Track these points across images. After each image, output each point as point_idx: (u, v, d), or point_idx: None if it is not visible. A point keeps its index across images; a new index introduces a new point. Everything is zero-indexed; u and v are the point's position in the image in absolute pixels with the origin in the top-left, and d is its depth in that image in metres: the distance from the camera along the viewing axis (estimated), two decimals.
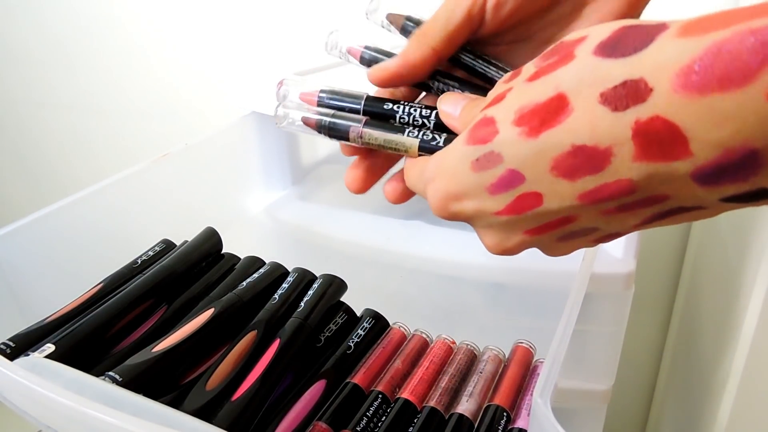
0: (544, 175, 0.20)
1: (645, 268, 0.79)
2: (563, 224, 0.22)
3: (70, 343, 0.33)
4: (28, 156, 1.22)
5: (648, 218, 0.21)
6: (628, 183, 0.19)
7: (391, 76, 0.28)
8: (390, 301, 0.45)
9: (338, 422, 0.34)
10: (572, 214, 0.21)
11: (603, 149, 0.19)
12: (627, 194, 0.19)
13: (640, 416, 0.93)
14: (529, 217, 0.22)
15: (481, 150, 0.22)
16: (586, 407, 0.46)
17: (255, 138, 0.60)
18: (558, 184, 0.20)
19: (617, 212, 0.20)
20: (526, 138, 0.20)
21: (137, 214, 0.48)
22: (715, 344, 0.55)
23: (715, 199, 0.18)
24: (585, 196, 0.20)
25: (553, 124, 0.20)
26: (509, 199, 0.22)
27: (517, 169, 0.21)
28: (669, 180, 0.18)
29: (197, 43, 0.93)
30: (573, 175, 0.20)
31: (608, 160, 0.19)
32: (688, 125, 0.17)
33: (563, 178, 0.20)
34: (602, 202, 0.20)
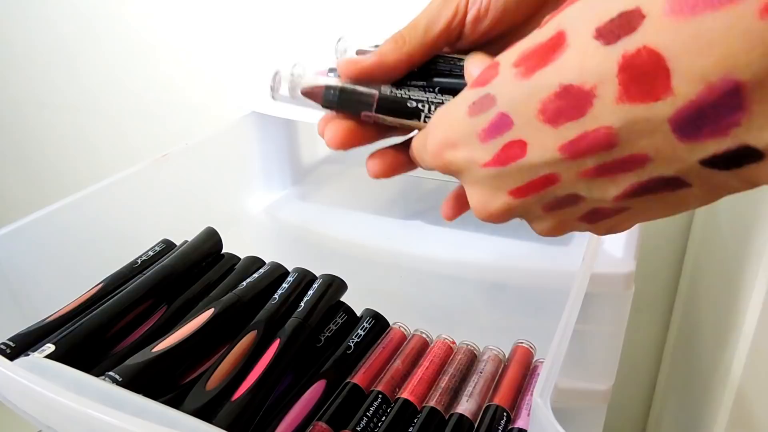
0: (531, 120, 0.20)
1: (645, 268, 0.78)
2: (546, 185, 0.21)
3: (70, 343, 0.33)
4: (28, 156, 1.22)
5: (629, 188, 0.20)
6: (607, 131, 0.18)
7: (363, 72, 0.28)
8: (390, 301, 0.45)
9: (338, 422, 0.34)
10: (553, 171, 0.21)
11: (587, 89, 0.18)
12: (606, 147, 0.19)
13: (640, 416, 0.93)
14: (513, 170, 0.21)
15: (479, 93, 0.22)
16: (586, 407, 0.46)
17: (255, 138, 0.60)
18: (542, 131, 0.20)
19: (597, 175, 0.20)
20: (520, 79, 0.20)
21: (137, 214, 0.48)
22: (715, 344, 0.55)
23: (695, 160, 0.18)
24: (566, 148, 0.20)
25: (547, 63, 0.19)
26: (496, 147, 0.22)
27: (507, 113, 0.21)
28: (649, 130, 0.18)
29: (197, 43, 0.93)
30: (557, 120, 0.19)
31: (591, 102, 0.18)
32: (673, 53, 0.16)
33: (548, 123, 0.20)
34: (582, 156, 0.19)
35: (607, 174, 0.20)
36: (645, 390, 0.91)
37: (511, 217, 0.24)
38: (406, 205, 0.63)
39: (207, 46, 0.93)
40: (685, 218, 0.77)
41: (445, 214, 0.30)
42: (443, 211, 0.30)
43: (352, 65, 0.28)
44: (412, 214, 0.60)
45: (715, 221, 0.64)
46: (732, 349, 0.49)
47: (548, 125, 0.20)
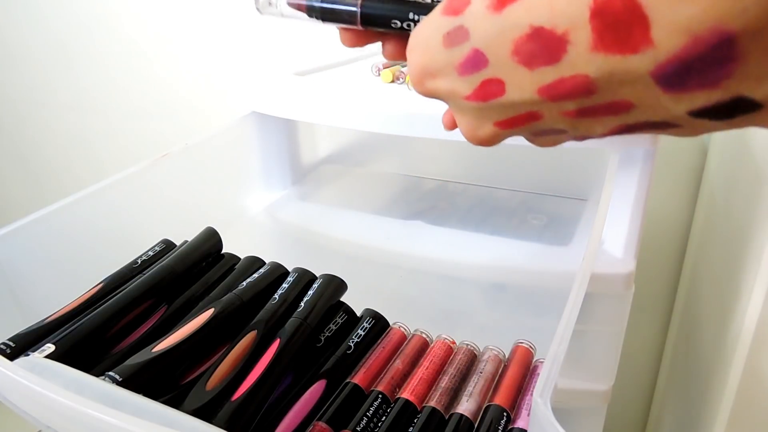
0: (506, 60, 0.19)
1: (645, 268, 0.79)
2: (530, 120, 0.20)
3: (70, 343, 0.33)
4: (28, 156, 1.22)
5: (615, 128, 0.19)
6: (584, 79, 0.17)
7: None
8: (390, 301, 0.45)
9: (338, 422, 0.34)
10: (535, 110, 0.20)
11: (559, 34, 0.17)
12: (585, 94, 0.18)
13: (640, 416, 0.93)
14: (494, 106, 0.21)
15: (452, 23, 0.21)
16: (586, 407, 0.47)
17: (255, 138, 0.60)
18: (518, 72, 0.19)
19: (579, 116, 0.19)
20: (492, 13, 0.19)
21: (137, 214, 0.48)
22: (715, 344, 0.55)
23: (683, 111, 0.16)
24: (544, 91, 0.18)
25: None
26: (475, 83, 0.21)
27: (481, 50, 0.20)
28: (629, 81, 0.16)
29: (197, 43, 0.93)
30: (531, 63, 0.18)
31: (564, 48, 0.17)
32: (651, 2, 0.14)
33: (523, 65, 0.18)
34: (561, 99, 0.18)
35: (590, 115, 0.19)
36: (645, 390, 0.91)
37: (500, 141, 0.23)
38: (406, 205, 0.63)
39: (207, 46, 0.93)
40: (685, 218, 0.77)
41: (445, 123, 0.28)
42: (444, 120, 0.28)
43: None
44: (412, 214, 0.60)
45: (715, 221, 0.64)
46: (732, 349, 0.49)
47: (523, 66, 0.19)
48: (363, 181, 0.71)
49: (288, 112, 0.55)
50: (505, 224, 0.57)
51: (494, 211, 0.60)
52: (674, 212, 0.77)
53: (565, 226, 0.55)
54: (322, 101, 0.53)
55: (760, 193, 0.49)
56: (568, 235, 0.53)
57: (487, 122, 0.22)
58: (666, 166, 0.74)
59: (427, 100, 0.26)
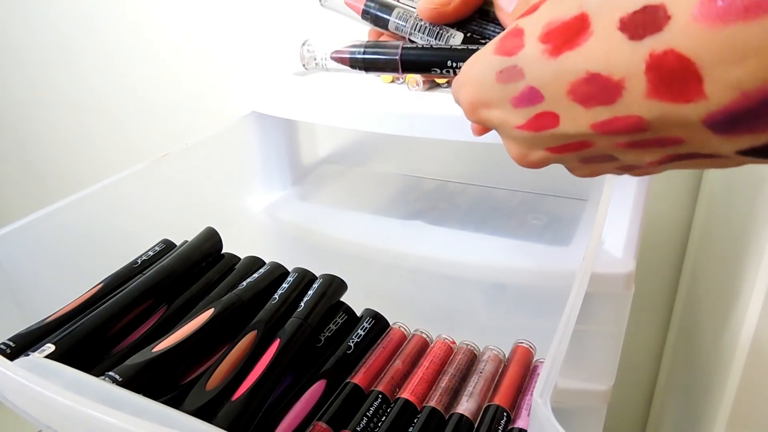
0: (562, 98, 0.20)
1: (645, 268, 0.79)
2: (581, 148, 0.22)
3: (70, 343, 0.33)
4: (28, 156, 1.22)
5: (665, 158, 0.20)
6: (638, 120, 0.18)
7: (453, 12, 0.28)
8: (390, 301, 0.45)
9: (338, 422, 0.34)
10: (587, 140, 0.21)
11: (615, 81, 0.18)
12: (638, 131, 0.19)
13: (640, 416, 0.93)
14: (547, 136, 0.22)
15: (505, 62, 0.22)
16: (586, 407, 0.46)
17: (255, 138, 0.60)
18: (573, 108, 0.20)
19: (631, 147, 0.20)
20: (548, 58, 0.20)
21: (137, 214, 0.48)
22: (715, 344, 0.55)
23: (731, 150, 0.18)
24: (598, 126, 0.20)
25: (573, 46, 0.19)
26: (529, 115, 0.22)
27: (536, 87, 0.21)
28: (681, 124, 0.18)
29: (198, 43, 0.93)
30: (587, 103, 0.19)
31: (620, 93, 0.18)
32: (705, 61, 0.16)
33: (578, 103, 0.20)
34: (614, 134, 0.20)
35: (641, 147, 0.20)
36: (645, 390, 0.91)
37: (548, 164, 0.25)
38: (406, 205, 0.63)
39: (207, 46, 0.93)
40: (685, 218, 0.77)
41: (474, 129, 0.29)
42: (473, 128, 0.30)
43: (439, 6, 0.28)
44: (412, 214, 0.60)
45: (715, 221, 0.64)
46: (732, 348, 0.49)
47: (578, 104, 0.20)
48: (363, 181, 0.71)
49: (288, 112, 0.55)
50: (505, 224, 0.56)
51: (494, 211, 0.60)
52: (674, 212, 0.77)
53: (565, 226, 0.55)
54: (322, 101, 0.53)
55: (760, 193, 0.49)
56: (568, 235, 0.53)
57: (539, 149, 0.23)
58: None
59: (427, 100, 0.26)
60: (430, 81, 0.53)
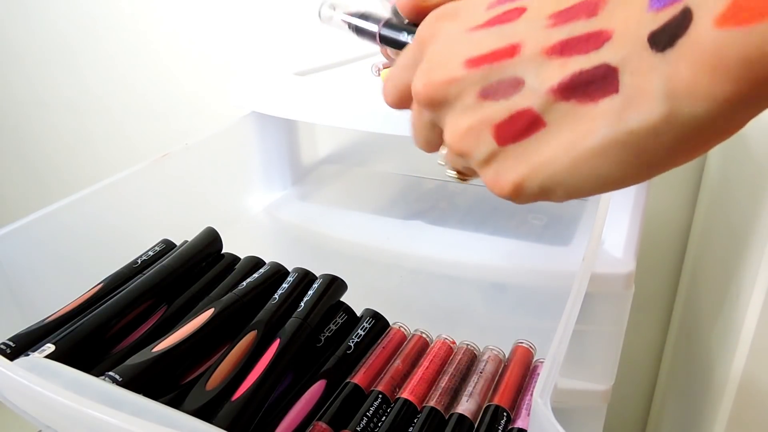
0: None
1: (645, 268, 0.79)
2: (504, 55, 0.20)
3: (70, 343, 0.33)
4: (28, 156, 1.22)
5: (567, 78, 0.19)
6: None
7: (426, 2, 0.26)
8: (390, 301, 0.45)
9: (338, 422, 0.34)
10: (524, 39, 0.20)
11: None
12: (588, 12, 0.18)
13: (640, 416, 0.93)
14: (491, 33, 0.21)
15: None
16: (586, 407, 0.46)
17: (255, 138, 0.60)
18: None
19: (557, 51, 0.19)
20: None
21: (137, 214, 0.48)
22: (715, 344, 0.55)
23: (645, 33, 0.16)
24: (558, 12, 0.19)
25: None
26: (497, 12, 0.21)
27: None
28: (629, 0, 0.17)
29: (198, 43, 0.93)
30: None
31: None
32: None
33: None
34: (566, 17, 0.19)
35: (564, 52, 0.19)
36: (645, 390, 0.91)
37: (440, 100, 0.22)
38: (406, 205, 0.63)
39: (208, 46, 0.93)
40: (685, 218, 0.77)
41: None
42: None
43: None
44: (412, 214, 0.60)
45: (715, 221, 0.64)
46: (732, 349, 0.49)
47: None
48: (363, 181, 0.71)
49: (288, 112, 0.55)
50: (505, 224, 0.56)
51: (494, 211, 0.60)
52: (674, 212, 0.77)
53: (565, 226, 0.55)
54: (322, 101, 0.53)
55: (760, 193, 0.49)
56: (568, 235, 0.53)
57: (459, 59, 0.21)
58: None
59: None
60: None
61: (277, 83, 0.57)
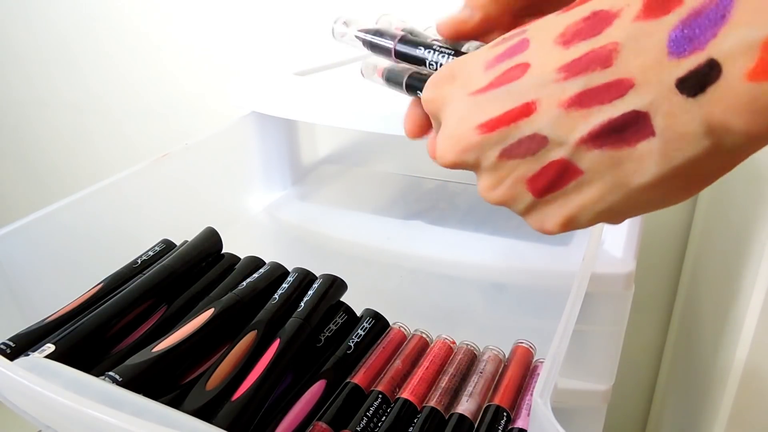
0: (547, 43, 0.20)
1: (645, 268, 0.78)
2: (520, 116, 0.21)
3: (70, 343, 0.33)
4: (28, 156, 1.22)
5: (595, 130, 0.19)
6: (612, 48, 0.19)
7: (461, 23, 0.27)
8: (390, 301, 0.45)
9: (338, 422, 0.34)
10: (538, 96, 0.20)
11: (615, 12, 0.19)
12: (603, 64, 0.19)
13: (640, 416, 0.93)
14: (498, 94, 0.21)
15: (514, 31, 0.22)
16: (586, 407, 0.46)
17: (255, 138, 0.60)
18: (552, 51, 0.20)
19: (575, 103, 0.19)
20: (559, 13, 0.21)
21: (137, 214, 0.48)
22: (715, 344, 0.55)
23: (672, 80, 0.18)
24: (564, 67, 0.20)
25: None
26: (497, 72, 0.21)
27: (528, 38, 0.21)
28: (648, 47, 0.18)
29: (198, 43, 0.93)
30: (571, 41, 0.20)
31: (611, 22, 0.19)
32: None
33: (561, 45, 0.20)
34: (577, 73, 0.19)
35: (586, 103, 0.19)
36: (645, 390, 0.91)
37: (461, 164, 0.23)
38: (406, 205, 0.63)
39: (207, 46, 0.93)
40: (685, 218, 0.77)
41: (408, 130, 0.29)
42: (406, 126, 0.29)
43: (450, 20, 0.27)
44: (412, 214, 0.60)
45: (715, 221, 0.64)
46: (732, 349, 0.49)
47: (561, 46, 0.20)
48: (363, 181, 0.71)
49: (288, 112, 0.55)
50: (505, 224, 0.56)
51: (494, 211, 0.60)
52: (674, 212, 0.77)
53: None
54: (322, 101, 0.53)
55: (760, 193, 0.49)
56: (568, 235, 0.53)
57: (470, 125, 0.22)
58: None
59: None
60: None
61: (277, 83, 0.57)
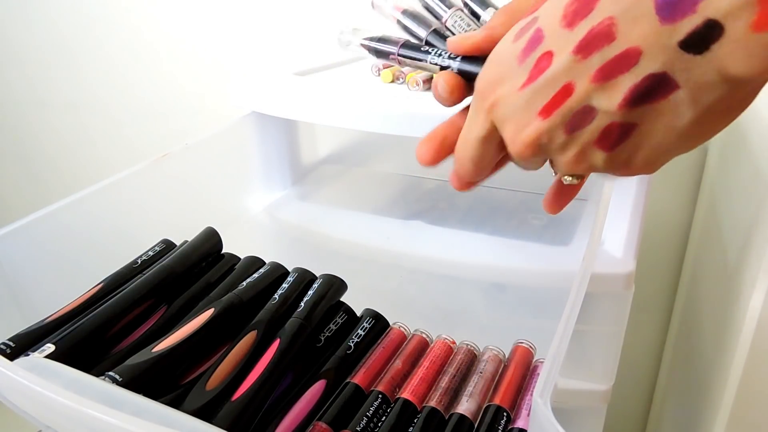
0: (556, 29, 0.23)
1: (645, 268, 0.79)
2: (564, 96, 0.24)
3: (70, 343, 0.33)
4: (28, 156, 1.22)
5: (628, 94, 0.22)
6: (609, 23, 0.22)
7: (473, 47, 0.29)
8: (390, 301, 0.45)
9: (338, 422, 0.34)
10: (570, 79, 0.23)
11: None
12: (607, 40, 0.22)
13: (640, 416, 0.93)
14: (541, 84, 0.24)
15: (525, 20, 0.25)
16: (586, 407, 0.46)
17: (255, 138, 0.60)
18: (563, 36, 0.23)
19: (601, 77, 0.22)
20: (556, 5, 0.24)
21: (137, 214, 0.48)
22: (715, 344, 0.55)
23: (674, 43, 0.20)
24: (577, 47, 0.23)
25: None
26: (530, 65, 0.24)
27: (541, 27, 0.24)
28: (640, 15, 0.21)
29: (198, 43, 0.93)
30: (572, 23, 0.23)
31: (594, 5, 0.22)
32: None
33: (567, 28, 0.23)
34: (589, 52, 0.22)
35: (609, 76, 0.22)
36: (645, 390, 0.91)
37: (539, 149, 0.26)
38: (406, 205, 0.63)
39: (208, 46, 0.93)
40: (685, 218, 0.77)
41: (549, 208, 0.32)
42: (548, 207, 0.32)
43: (463, 41, 0.29)
44: (412, 214, 0.60)
45: (715, 221, 0.64)
46: (732, 349, 0.49)
47: (567, 29, 0.23)
48: (363, 181, 0.71)
49: (288, 112, 0.55)
50: (505, 224, 0.56)
51: (494, 211, 0.60)
52: (674, 212, 0.77)
53: (565, 226, 0.55)
54: (322, 101, 0.53)
55: (760, 193, 0.49)
56: (568, 235, 0.53)
57: (532, 115, 0.25)
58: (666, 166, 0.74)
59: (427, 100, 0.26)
60: (431, 81, 0.53)
61: (277, 83, 0.57)
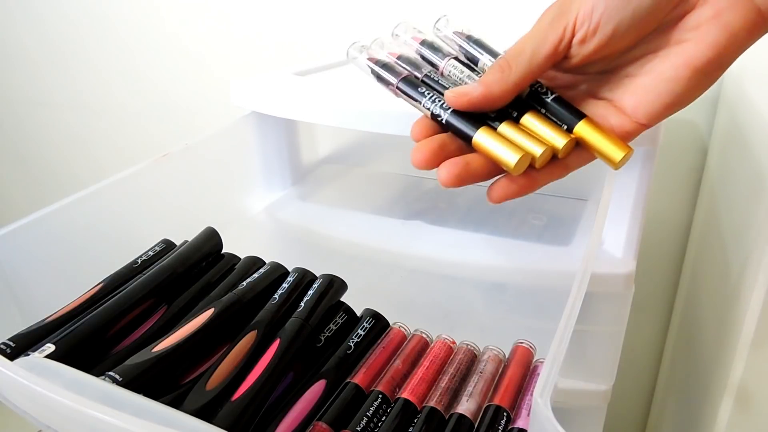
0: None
1: (645, 268, 0.79)
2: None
3: (70, 343, 0.33)
4: (27, 156, 1.22)
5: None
6: None
7: (471, 104, 0.29)
8: (390, 301, 0.45)
9: (338, 422, 0.34)
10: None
11: None
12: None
13: (640, 416, 0.93)
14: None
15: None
16: (586, 407, 0.47)
17: (255, 138, 0.60)
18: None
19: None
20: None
21: (137, 214, 0.48)
22: (715, 344, 0.55)
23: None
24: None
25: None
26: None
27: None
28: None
29: (197, 42, 0.93)
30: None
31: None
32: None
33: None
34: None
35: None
36: (645, 390, 0.91)
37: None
38: (406, 205, 0.63)
39: (207, 46, 0.93)
40: (685, 218, 0.77)
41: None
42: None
43: (460, 97, 0.29)
44: (412, 214, 0.60)
45: (715, 221, 0.64)
46: (732, 349, 0.49)
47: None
48: (363, 181, 0.71)
49: (288, 112, 0.55)
50: (505, 224, 0.56)
51: (494, 211, 0.60)
52: (674, 212, 0.77)
53: (565, 226, 0.55)
54: (322, 101, 0.53)
55: (760, 193, 0.49)
56: (568, 235, 0.53)
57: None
58: (666, 166, 0.74)
59: None
60: None
61: (277, 83, 0.57)
